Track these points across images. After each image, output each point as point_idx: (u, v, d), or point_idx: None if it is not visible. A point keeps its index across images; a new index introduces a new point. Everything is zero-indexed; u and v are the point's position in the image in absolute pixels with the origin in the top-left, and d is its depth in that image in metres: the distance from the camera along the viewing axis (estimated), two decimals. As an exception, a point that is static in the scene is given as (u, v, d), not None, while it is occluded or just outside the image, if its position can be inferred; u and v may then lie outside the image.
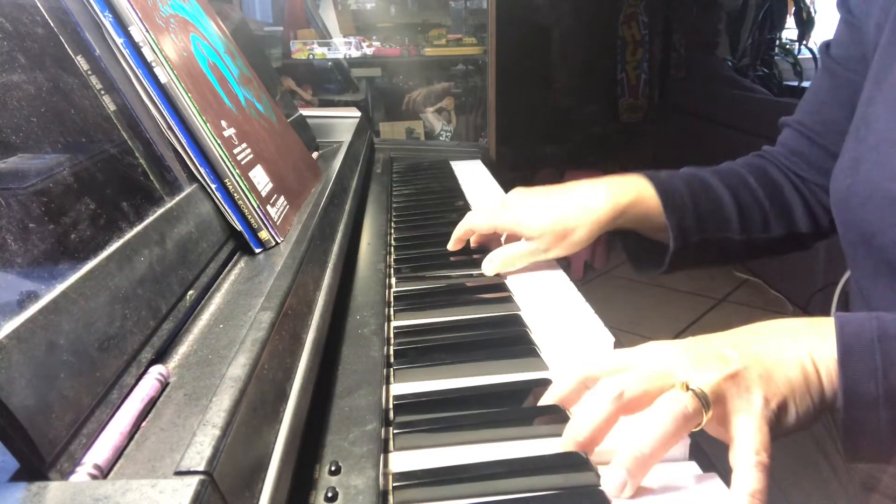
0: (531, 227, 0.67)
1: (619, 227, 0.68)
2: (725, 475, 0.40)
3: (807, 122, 0.73)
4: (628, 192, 0.67)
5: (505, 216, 0.70)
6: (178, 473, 0.26)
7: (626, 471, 0.36)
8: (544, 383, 0.49)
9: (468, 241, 0.77)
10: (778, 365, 0.41)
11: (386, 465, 0.41)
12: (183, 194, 0.48)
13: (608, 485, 0.37)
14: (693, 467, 0.40)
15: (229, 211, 0.52)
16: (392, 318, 0.61)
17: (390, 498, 0.38)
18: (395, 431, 0.44)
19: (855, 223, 0.57)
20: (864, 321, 0.41)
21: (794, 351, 0.41)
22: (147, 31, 0.49)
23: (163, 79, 0.49)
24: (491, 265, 0.70)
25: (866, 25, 0.62)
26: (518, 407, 0.47)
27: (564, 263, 0.73)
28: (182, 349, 0.39)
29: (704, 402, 0.38)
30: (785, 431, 0.40)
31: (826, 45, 0.69)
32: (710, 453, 0.43)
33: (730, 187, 0.71)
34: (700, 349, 0.42)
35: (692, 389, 0.38)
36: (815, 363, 0.41)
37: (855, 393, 0.40)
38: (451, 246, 0.75)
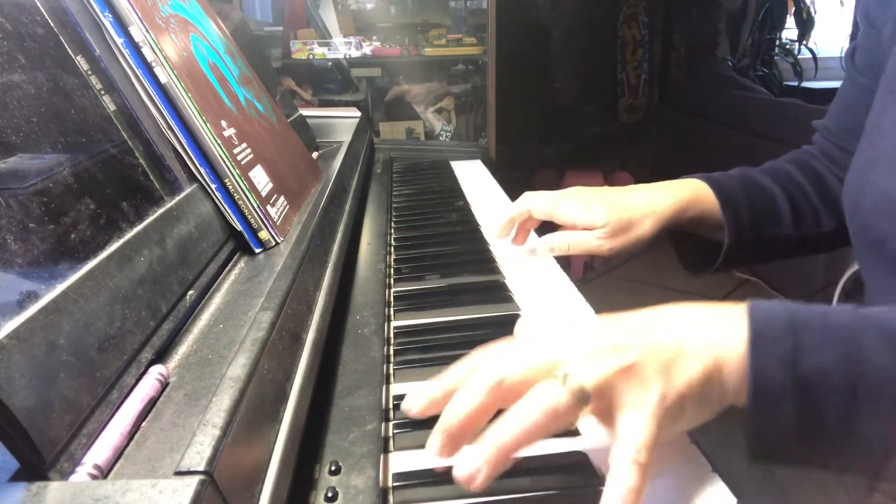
0: (595, 217, 0.67)
1: (677, 224, 0.69)
2: (725, 476, 0.40)
3: (833, 129, 0.73)
4: (687, 190, 0.69)
5: (566, 204, 0.69)
6: (178, 473, 0.26)
7: (484, 461, 0.34)
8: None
9: (466, 239, 0.77)
10: (678, 359, 0.38)
11: (386, 465, 0.41)
12: (183, 194, 0.48)
13: (460, 471, 0.34)
14: (693, 467, 0.41)
15: (229, 211, 0.52)
16: (392, 318, 0.61)
17: (390, 498, 0.38)
18: (395, 431, 0.44)
19: (866, 228, 0.57)
20: (776, 307, 0.39)
21: (697, 345, 0.38)
22: (147, 31, 0.49)
23: (163, 79, 0.49)
24: (546, 245, 0.70)
25: (882, 34, 0.62)
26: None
27: (564, 263, 0.73)
28: (182, 349, 0.39)
29: (581, 397, 0.35)
30: (675, 431, 0.38)
31: (851, 52, 0.69)
32: (710, 454, 0.43)
33: (781, 184, 0.72)
34: (597, 338, 0.39)
35: (569, 384, 0.35)
36: (716, 360, 0.38)
37: (763, 382, 0.37)
38: (500, 229, 0.73)
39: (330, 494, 0.36)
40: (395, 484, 0.39)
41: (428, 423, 0.44)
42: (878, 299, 0.60)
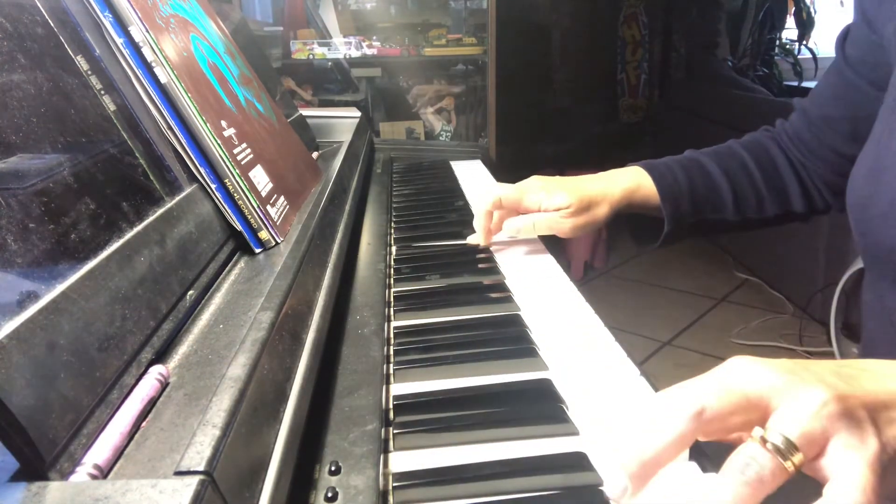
0: (560, 200, 0.72)
1: (626, 208, 0.75)
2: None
3: (811, 113, 0.74)
4: (633, 180, 0.75)
5: (532, 193, 0.74)
6: (178, 473, 0.26)
7: None
8: (544, 383, 0.49)
9: (462, 240, 0.78)
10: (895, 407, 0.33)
11: (386, 465, 0.41)
12: (183, 194, 0.48)
13: None
14: (694, 469, 0.40)
15: (229, 211, 0.52)
16: (392, 318, 0.61)
17: (390, 498, 0.38)
18: (395, 431, 0.44)
19: (874, 235, 0.55)
20: None
21: None
22: (147, 31, 0.49)
23: (163, 79, 0.49)
24: (513, 227, 0.75)
25: (884, 35, 0.61)
26: (518, 407, 0.47)
27: (564, 264, 0.75)
28: (182, 349, 0.39)
29: (789, 451, 0.31)
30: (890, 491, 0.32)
31: (843, 38, 0.68)
32: (710, 455, 0.43)
33: (727, 172, 0.76)
34: (799, 370, 0.34)
35: (772, 443, 0.31)
36: None
37: None
38: (479, 221, 0.76)
39: (330, 494, 0.36)
40: (395, 484, 0.39)
41: (429, 423, 0.44)
42: (891, 310, 0.58)
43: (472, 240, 0.77)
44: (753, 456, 0.31)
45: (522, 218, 0.75)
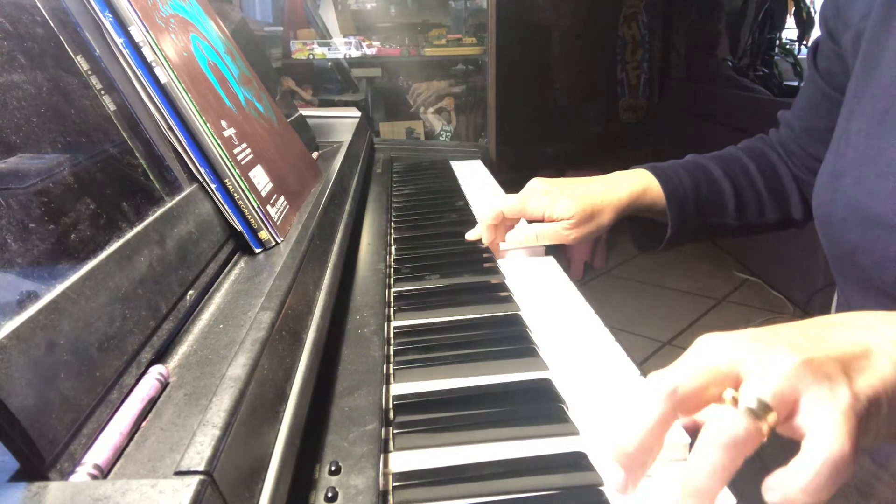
0: (563, 210, 0.71)
1: (631, 212, 0.74)
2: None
3: (795, 127, 0.75)
4: (640, 183, 0.74)
5: (535, 200, 0.73)
6: (178, 473, 0.26)
7: None
8: (544, 383, 0.49)
9: (465, 239, 0.78)
10: (865, 357, 0.33)
11: (386, 465, 0.41)
12: (183, 194, 0.48)
13: None
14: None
15: (229, 211, 0.52)
16: (392, 318, 0.61)
17: (390, 498, 0.38)
18: (395, 431, 0.44)
19: (836, 240, 0.57)
20: None
21: (880, 343, 0.34)
22: (147, 31, 0.49)
23: (163, 79, 0.49)
24: (515, 239, 0.74)
25: (842, 45, 0.62)
26: (518, 407, 0.47)
27: (564, 263, 0.75)
28: (182, 349, 0.39)
29: (762, 411, 0.31)
30: (874, 438, 0.33)
31: (814, 50, 0.70)
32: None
33: (730, 176, 0.76)
34: (765, 336, 0.34)
35: (746, 406, 0.31)
36: None
37: None
38: (481, 233, 0.75)
39: (330, 494, 0.36)
40: (395, 484, 0.39)
41: (428, 423, 0.44)
42: (847, 310, 0.59)
43: (471, 235, 0.77)
44: (727, 419, 0.31)
45: (525, 229, 0.74)
